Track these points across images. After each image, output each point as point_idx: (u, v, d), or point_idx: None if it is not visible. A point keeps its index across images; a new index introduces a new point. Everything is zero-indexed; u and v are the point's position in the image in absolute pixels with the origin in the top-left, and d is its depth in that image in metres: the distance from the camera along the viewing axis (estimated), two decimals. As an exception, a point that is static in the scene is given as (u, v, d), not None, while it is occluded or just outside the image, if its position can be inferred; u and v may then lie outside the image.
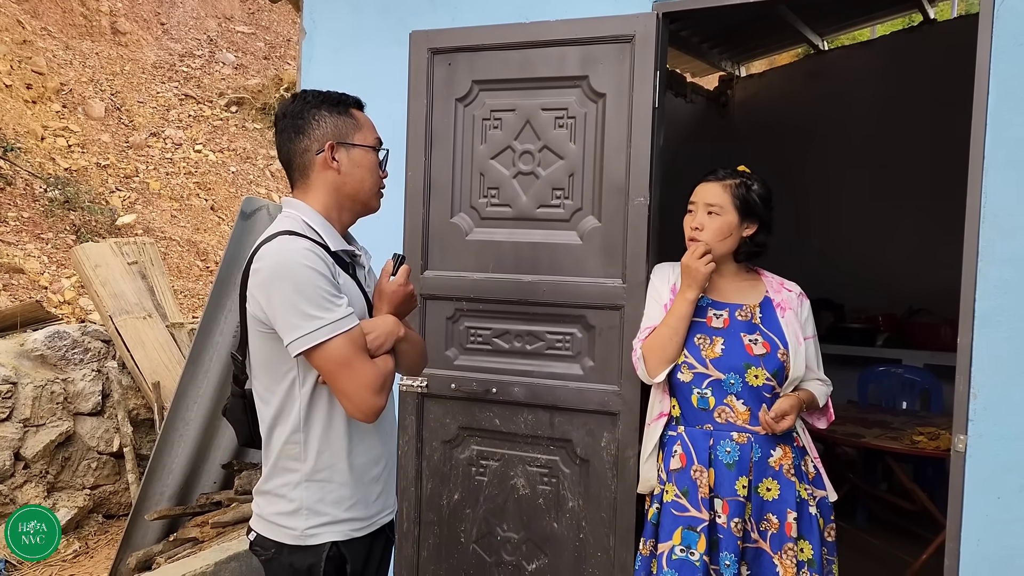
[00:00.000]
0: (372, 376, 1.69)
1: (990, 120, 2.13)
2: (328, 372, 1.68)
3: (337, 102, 1.83)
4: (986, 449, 2.15)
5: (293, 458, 1.77)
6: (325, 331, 1.64)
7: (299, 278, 1.65)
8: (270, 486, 1.80)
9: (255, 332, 1.76)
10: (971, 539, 2.17)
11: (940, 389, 4.54)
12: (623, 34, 2.58)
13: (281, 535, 1.78)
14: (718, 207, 2.25)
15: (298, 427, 1.76)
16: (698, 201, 2.29)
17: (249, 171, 9.09)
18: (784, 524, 2.17)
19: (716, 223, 2.25)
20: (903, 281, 5.74)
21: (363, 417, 1.70)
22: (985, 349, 2.15)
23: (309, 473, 1.76)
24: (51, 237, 6.78)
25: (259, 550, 1.83)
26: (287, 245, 1.69)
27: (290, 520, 1.77)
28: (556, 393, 2.70)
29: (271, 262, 1.68)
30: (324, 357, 1.66)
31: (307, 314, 1.64)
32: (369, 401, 1.68)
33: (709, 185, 2.29)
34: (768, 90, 6.60)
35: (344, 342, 1.66)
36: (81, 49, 9.12)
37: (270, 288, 1.67)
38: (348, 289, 1.77)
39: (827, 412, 2.38)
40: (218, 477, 3.73)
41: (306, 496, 1.76)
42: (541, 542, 2.76)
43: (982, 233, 2.15)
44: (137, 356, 4.41)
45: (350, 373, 1.67)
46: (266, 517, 1.81)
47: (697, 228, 2.27)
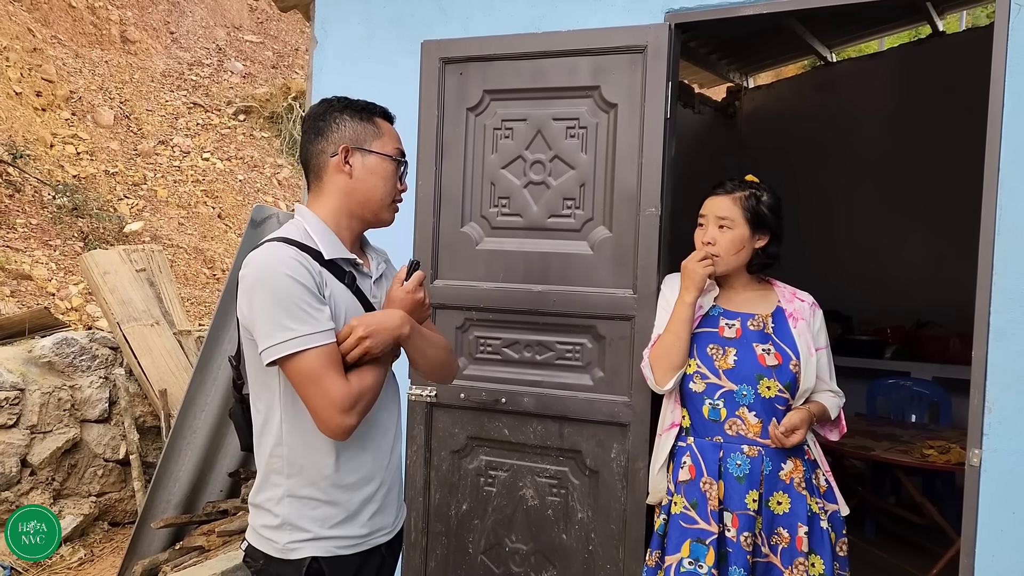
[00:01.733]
0: (341, 394, 1.62)
1: (1005, 132, 2.12)
2: (298, 385, 1.64)
3: (362, 108, 1.82)
4: (1001, 463, 2.13)
5: (276, 472, 1.73)
6: (296, 343, 1.60)
7: (277, 287, 1.61)
8: (259, 499, 1.78)
9: (244, 339, 1.74)
10: (985, 554, 2.15)
11: (949, 402, 4.51)
12: (635, 45, 2.58)
13: (267, 547, 1.75)
14: (729, 220, 2.23)
15: (280, 440, 1.72)
16: (708, 215, 2.27)
17: (256, 179, 9.12)
18: (795, 538, 2.15)
19: (728, 237, 2.23)
20: (912, 293, 5.73)
21: (331, 435, 1.65)
22: (1000, 362, 2.13)
23: (291, 489, 1.72)
24: (59, 244, 6.79)
25: (250, 560, 1.81)
26: (272, 253, 1.66)
27: (274, 533, 1.74)
28: (566, 404, 2.69)
29: (253, 269, 1.66)
30: (294, 369, 1.62)
31: (281, 324, 1.60)
32: (336, 420, 1.62)
33: (719, 199, 2.27)
34: (776, 101, 6.60)
35: (315, 356, 1.61)
36: (91, 57, 9.17)
37: (251, 295, 1.64)
38: (339, 299, 1.72)
39: (839, 424, 2.36)
40: (225, 485, 3.72)
41: (289, 512, 1.72)
42: (550, 553, 2.74)
43: (997, 246, 2.13)
44: (144, 363, 4.42)
45: (318, 389, 1.62)
46: (255, 528, 1.78)
47: (709, 243, 2.25)
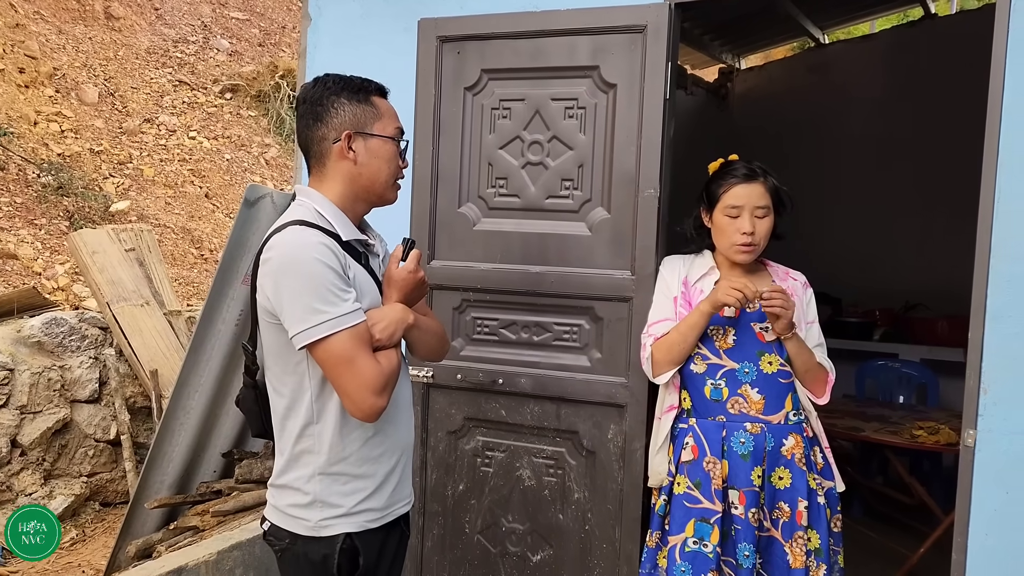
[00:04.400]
0: (374, 375, 1.65)
1: (1005, 115, 2.13)
2: (330, 368, 1.65)
3: (358, 89, 1.80)
4: (995, 444, 2.16)
5: (307, 451, 1.75)
6: (329, 325, 1.62)
7: (307, 270, 1.62)
8: (285, 479, 1.78)
9: (264, 323, 1.74)
10: (979, 533, 2.18)
11: (937, 384, 4.56)
12: (635, 24, 2.57)
13: (295, 526, 1.76)
14: (765, 208, 2.22)
15: (311, 419, 1.74)
16: (745, 204, 2.20)
17: (244, 159, 9.02)
18: (795, 512, 2.18)
19: (766, 225, 2.22)
20: (900, 276, 5.77)
21: (363, 417, 1.67)
22: (996, 345, 2.15)
23: (323, 466, 1.74)
24: (44, 223, 6.71)
25: (273, 540, 1.82)
26: (297, 236, 1.66)
27: (304, 512, 1.75)
28: (563, 385, 2.70)
29: (280, 252, 1.66)
30: (327, 352, 1.63)
31: (312, 308, 1.61)
32: (369, 401, 1.65)
33: (754, 186, 2.21)
34: (768, 83, 6.60)
35: (348, 337, 1.63)
36: (74, 34, 9.02)
37: (277, 279, 1.64)
38: (360, 280, 1.74)
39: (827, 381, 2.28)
40: (218, 466, 3.70)
41: (320, 489, 1.74)
42: (546, 533, 2.76)
43: (995, 229, 2.14)
44: (135, 343, 4.39)
45: (351, 371, 1.63)
46: (280, 508, 1.79)
47: (750, 233, 2.19)
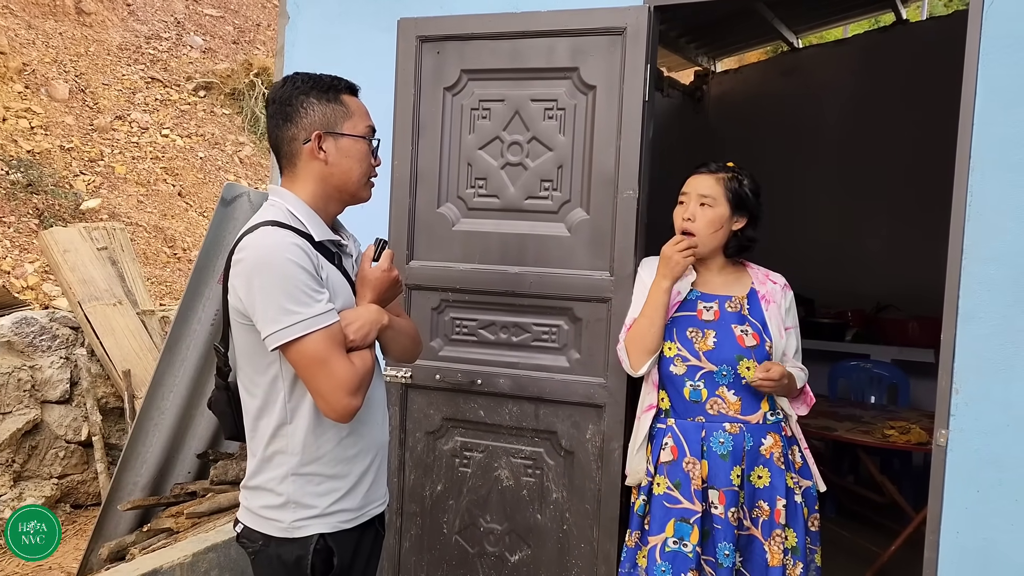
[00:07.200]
0: (348, 376, 1.64)
1: (977, 119, 2.16)
2: (303, 369, 1.64)
3: (328, 88, 1.78)
4: (967, 443, 2.20)
5: (280, 451, 1.74)
6: (302, 326, 1.61)
7: (279, 271, 1.61)
8: (258, 481, 1.77)
9: (236, 324, 1.72)
10: (950, 531, 2.22)
11: (908, 384, 4.62)
12: (615, 26, 2.58)
13: (268, 527, 1.75)
14: (711, 199, 2.26)
15: (284, 420, 1.72)
16: (690, 192, 2.30)
17: (218, 157, 8.93)
18: (774, 511, 2.21)
19: (708, 215, 2.26)
20: (872, 277, 5.85)
21: (337, 418, 1.66)
22: (968, 345, 2.19)
23: (296, 467, 1.73)
24: (13, 221, 6.60)
25: (246, 542, 1.80)
26: (269, 236, 1.65)
27: (277, 513, 1.74)
28: (541, 385, 2.70)
29: (252, 253, 1.64)
30: (300, 353, 1.62)
31: (285, 308, 1.60)
32: (343, 402, 1.64)
33: (702, 177, 2.30)
34: (743, 86, 6.66)
35: (321, 338, 1.62)
36: (44, 29, 8.88)
37: (250, 280, 1.63)
38: (333, 280, 1.74)
39: (806, 396, 2.39)
40: (193, 467, 3.66)
41: (294, 490, 1.73)
42: (524, 533, 2.76)
43: (967, 231, 2.18)
44: (107, 343, 4.33)
45: (325, 372, 1.62)
46: (253, 510, 1.78)
47: (689, 219, 2.28)
